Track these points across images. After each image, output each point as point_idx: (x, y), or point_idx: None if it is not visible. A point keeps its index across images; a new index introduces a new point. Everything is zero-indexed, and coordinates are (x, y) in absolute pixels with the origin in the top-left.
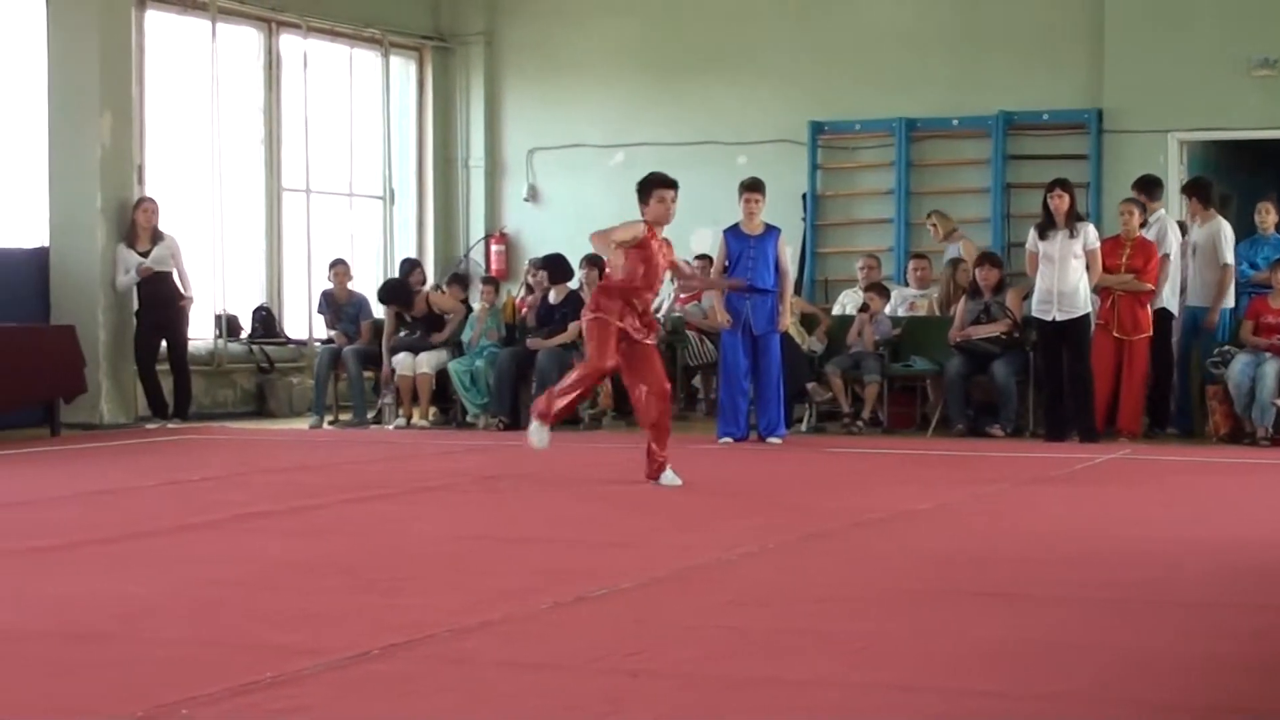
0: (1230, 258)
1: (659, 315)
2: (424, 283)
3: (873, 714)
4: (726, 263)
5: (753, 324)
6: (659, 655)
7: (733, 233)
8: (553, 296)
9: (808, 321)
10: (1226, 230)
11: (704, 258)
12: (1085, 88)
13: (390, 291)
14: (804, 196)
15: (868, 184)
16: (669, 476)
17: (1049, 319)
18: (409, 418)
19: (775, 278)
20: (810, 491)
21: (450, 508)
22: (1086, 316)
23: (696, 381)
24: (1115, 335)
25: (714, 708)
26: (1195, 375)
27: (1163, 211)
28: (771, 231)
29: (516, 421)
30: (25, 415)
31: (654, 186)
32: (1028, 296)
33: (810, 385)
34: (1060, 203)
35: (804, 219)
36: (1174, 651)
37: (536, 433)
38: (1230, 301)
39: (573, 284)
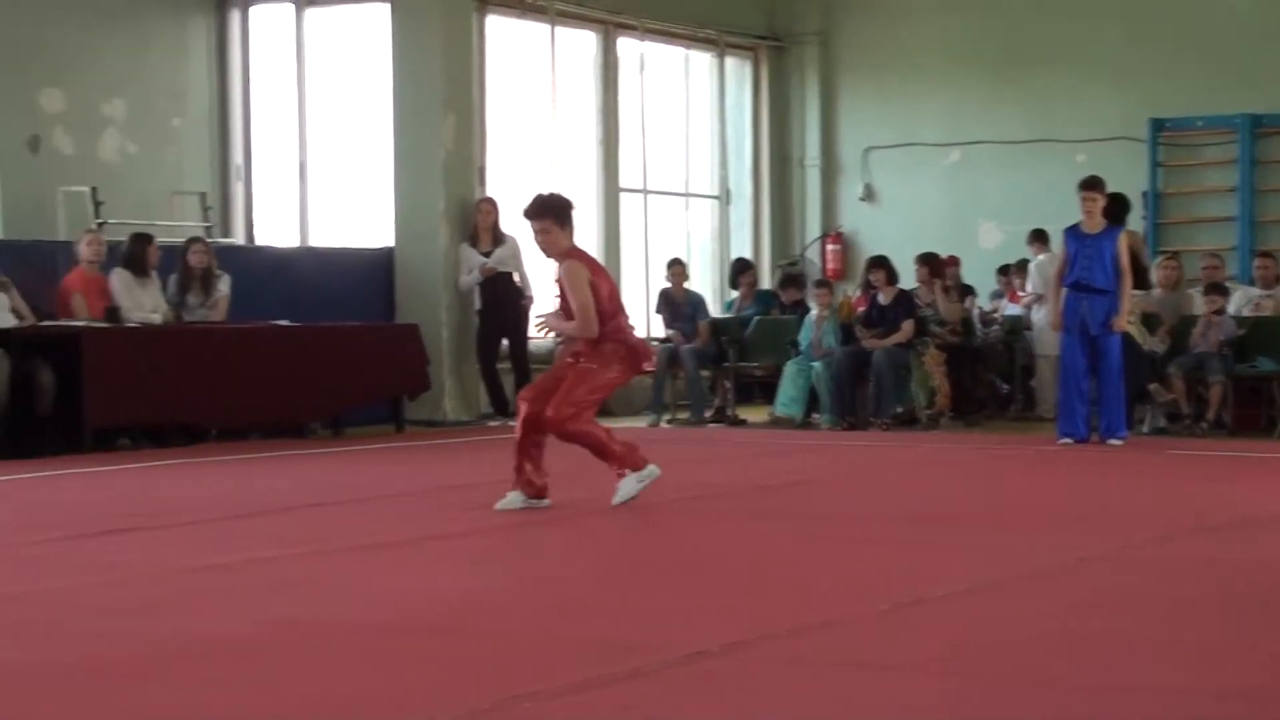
0: None
1: None
2: (754, 284)
3: None
4: (1067, 263)
5: (1089, 324)
6: (998, 658)
7: (1072, 232)
8: (882, 298)
9: (1150, 321)
10: None
11: None
12: None
13: None
14: (1144, 194)
15: (1210, 181)
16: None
17: None
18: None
19: (1114, 278)
20: (1153, 494)
21: (789, 507)
22: None
23: (1034, 382)
24: None
25: (1054, 712)
26: None
27: None
28: (1111, 230)
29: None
30: (372, 412)
31: None
32: None
33: (1152, 386)
34: None
35: (1145, 217)
36: None
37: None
38: None
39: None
